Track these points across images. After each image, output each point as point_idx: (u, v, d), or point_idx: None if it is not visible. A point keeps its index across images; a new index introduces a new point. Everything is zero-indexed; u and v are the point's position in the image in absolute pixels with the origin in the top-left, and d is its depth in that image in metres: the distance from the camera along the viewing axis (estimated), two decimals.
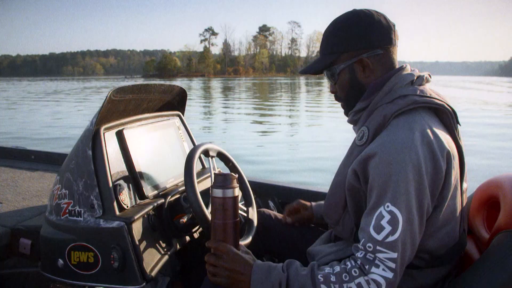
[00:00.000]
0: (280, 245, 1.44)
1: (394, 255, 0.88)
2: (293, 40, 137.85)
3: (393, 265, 0.88)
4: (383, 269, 0.88)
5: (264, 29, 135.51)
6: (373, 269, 0.88)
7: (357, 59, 1.02)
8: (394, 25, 1.04)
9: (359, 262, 0.91)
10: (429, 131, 0.93)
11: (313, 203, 1.46)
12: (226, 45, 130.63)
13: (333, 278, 0.90)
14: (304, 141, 8.96)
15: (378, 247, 0.88)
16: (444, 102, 1.00)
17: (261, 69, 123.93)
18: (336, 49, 1.04)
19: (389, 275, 0.87)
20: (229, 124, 12.05)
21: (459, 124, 1.04)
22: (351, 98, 1.08)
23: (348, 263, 0.93)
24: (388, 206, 0.88)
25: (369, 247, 0.90)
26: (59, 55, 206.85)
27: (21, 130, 10.54)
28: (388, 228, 0.88)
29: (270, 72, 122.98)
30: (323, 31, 1.10)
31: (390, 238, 0.88)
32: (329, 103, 19.03)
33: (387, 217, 0.88)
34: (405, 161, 0.89)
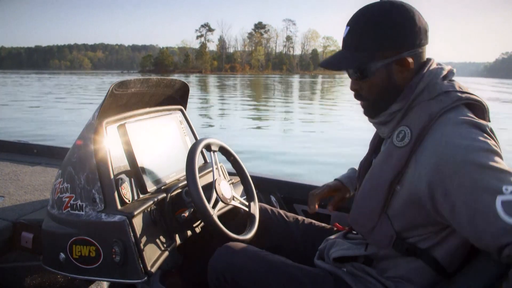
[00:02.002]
0: (279, 240, 1.44)
1: None
2: (288, 38, 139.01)
3: None
4: None
5: (259, 27, 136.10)
6: None
7: (398, 58, 0.95)
8: (427, 24, 1.00)
9: None
10: (480, 121, 0.91)
11: (340, 178, 1.36)
12: (221, 41, 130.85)
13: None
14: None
15: None
16: (481, 98, 0.97)
17: (257, 66, 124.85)
18: (373, 45, 0.95)
19: None
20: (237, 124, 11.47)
21: (489, 121, 1.00)
22: (381, 99, 1.00)
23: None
24: (507, 189, 0.78)
25: None
26: (45, 48, 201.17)
27: None
28: None
29: (266, 70, 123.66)
30: (317, 30, 1.25)
31: None
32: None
33: None
34: (474, 147, 0.84)
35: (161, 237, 1.32)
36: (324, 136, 9.26)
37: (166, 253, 1.30)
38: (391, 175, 0.95)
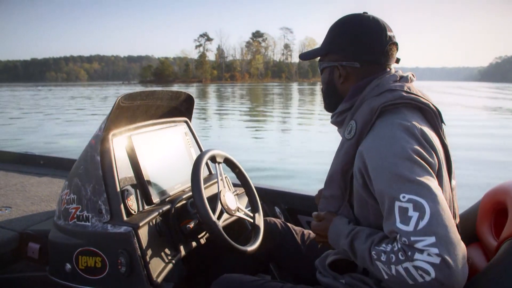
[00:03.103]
0: (286, 254, 1.44)
1: (432, 239, 0.80)
2: (286, 46, 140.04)
3: (435, 250, 0.79)
4: (428, 255, 0.79)
5: (257, 35, 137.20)
6: (417, 256, 0.80)
7: (335, 65, 1.07)
8: (391, 43, 1.04)
9: (400, 246, 0.84)
10: (413, 124, 0.93)
11: None
12: (220, 51, 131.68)
13: (383, 257, 0.87)
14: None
15: (412, 238, 0.81)
16: (429, 101, 1.01)
17: (256, 75, 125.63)
18: (326, 47, 1.10)
19: (436, 260, 0.78)
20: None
21: (444, 124, 1.04)
22: (326, 96, 1.15)
23: (395, 244, 0.86)
24: (404, 197, 0.84)
25: (405, 241, 0.83)
26: (41, 61, 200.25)
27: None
28: (415, 215, 0.82)
29: (265, 78, 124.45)
30: (314, 37, 1.25)
31: (421, 224, 0.81)
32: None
33: (409, 205, 0.83)
34: (391, 152, 0.89)
35: (167, 248, 1.33)
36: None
37: (172, 264, 1.31)
38: (340, 165, 1.03)
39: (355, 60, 1.05)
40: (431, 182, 0.87)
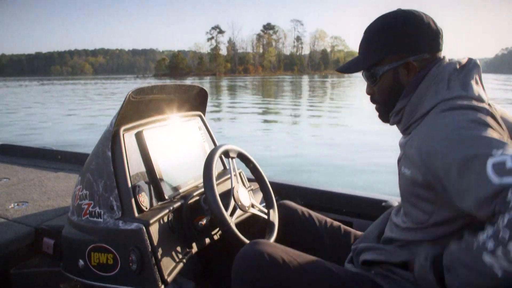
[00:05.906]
0: (304, 239, 1.40)
1: None
2: (298, 38, 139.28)
3: None
4: None
5: (268, 27, 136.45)
6: None
7: (404, 62, 0.98)
8: (441, 31, 1.00)
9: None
10: (476, 105, 0.89)
11: None
12: (231, 43, 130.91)
13: (490, 245, 0.72)
14: None
15: None
16: (484, 102, 0.93)
17: (269, 67, 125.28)
18: (382, 49, 1.00)
19: None
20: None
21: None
22: (390, 102, 1.03)
23: (500, 216, 0.71)
24: (496, 152, 0.74)
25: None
26: (46, 55, 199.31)
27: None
28: None
29: (278, 71, 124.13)
30: (325, 29, 1.18)
31: None
32: None
33: (507, 157, 0.73)
34: (464, 120, 0.84)
35: (179, 245, 1.30)
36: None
37: (184, 261, 1.28)
38: None
39: (425, 52, 0.98)
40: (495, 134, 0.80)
